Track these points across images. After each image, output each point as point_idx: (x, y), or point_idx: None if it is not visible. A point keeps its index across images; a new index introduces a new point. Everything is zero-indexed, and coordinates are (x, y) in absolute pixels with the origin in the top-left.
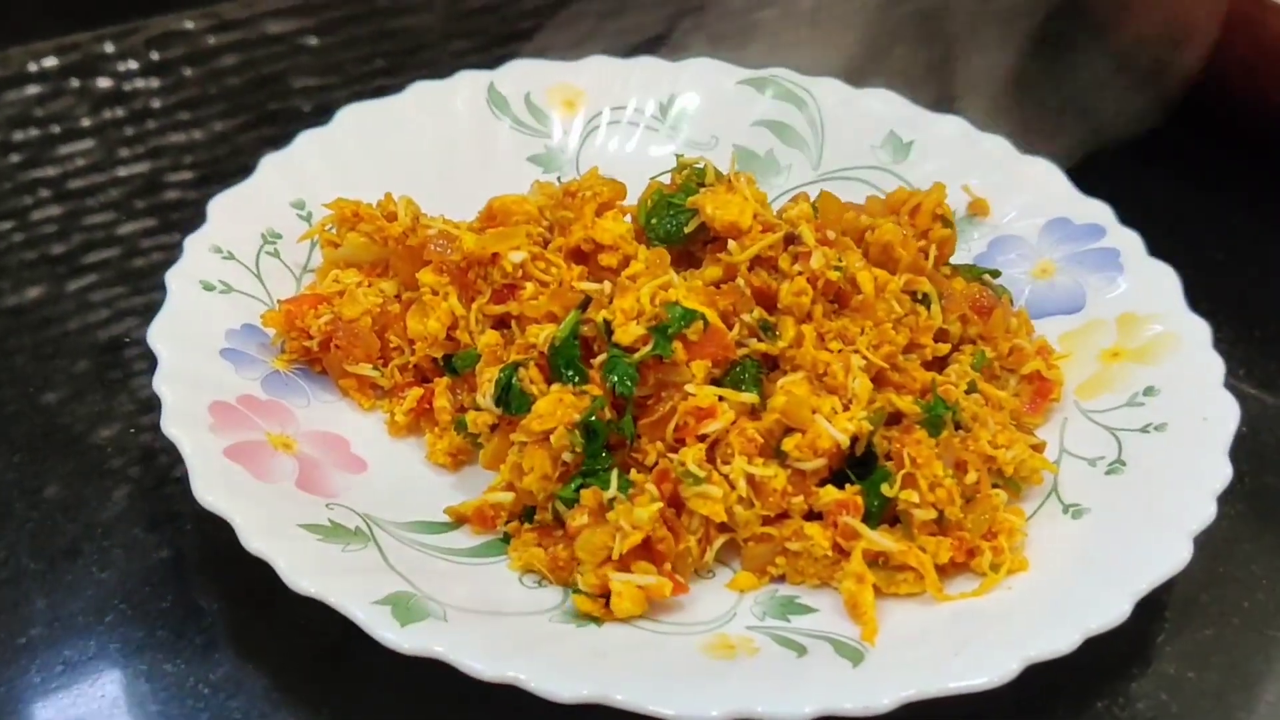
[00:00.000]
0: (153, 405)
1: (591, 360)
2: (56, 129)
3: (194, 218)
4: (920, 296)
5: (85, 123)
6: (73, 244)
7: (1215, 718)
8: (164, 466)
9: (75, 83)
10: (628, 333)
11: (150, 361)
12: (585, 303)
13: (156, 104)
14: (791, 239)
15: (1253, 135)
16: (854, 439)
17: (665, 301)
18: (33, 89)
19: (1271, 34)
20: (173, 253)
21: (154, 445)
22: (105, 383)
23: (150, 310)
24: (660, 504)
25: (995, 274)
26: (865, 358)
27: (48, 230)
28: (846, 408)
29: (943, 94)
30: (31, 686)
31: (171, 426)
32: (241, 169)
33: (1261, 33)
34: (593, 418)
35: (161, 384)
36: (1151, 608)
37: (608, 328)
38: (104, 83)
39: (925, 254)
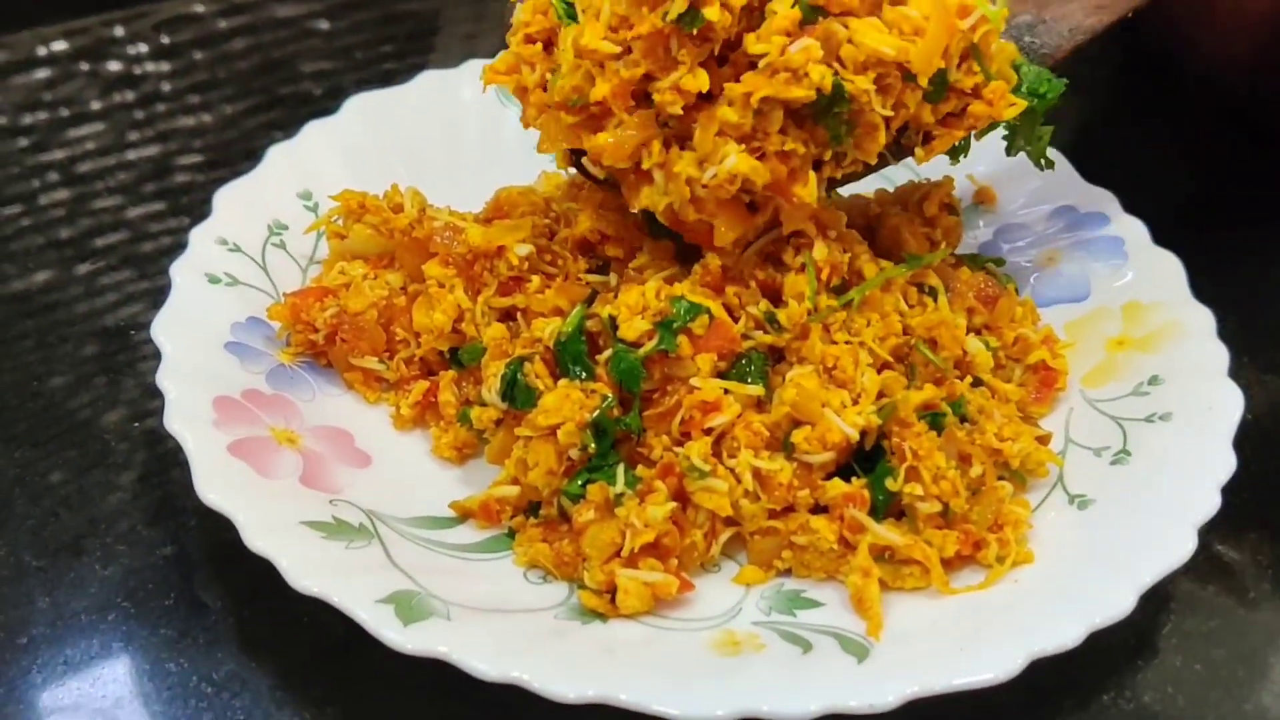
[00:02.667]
0: (158, 392)
1: (597, 355)
2: (65, 113)
3: (203, 202)
4: (927, 289)
5: (94, 106)
6: (80, 228)
7: (1222, 709)
8: (168, 454)
9: (84, 66)
10: (633, 328)
11: (158, 351)
12: (591, 297)
13: (166, 88)
14: (794, 231)
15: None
16: (863, 433)
17: (670, 296)
18: (41, 73)
19: None
20: (181, 237)
21: (158, 432)
22: (110, 369)
23: (158, 295)
24: (674, 504)
25: (1000, 262)
26: (871, 350)
27: (56, 214)
28: (856, 401)
29: None
30: (33, 686)
31: (175, 423)
32: (251, 153)
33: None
34: (602, 416)
35: (165, 379)
36: (1157, 599)
37: (613, 323)
38: (113, 66)
39: (932, 243)
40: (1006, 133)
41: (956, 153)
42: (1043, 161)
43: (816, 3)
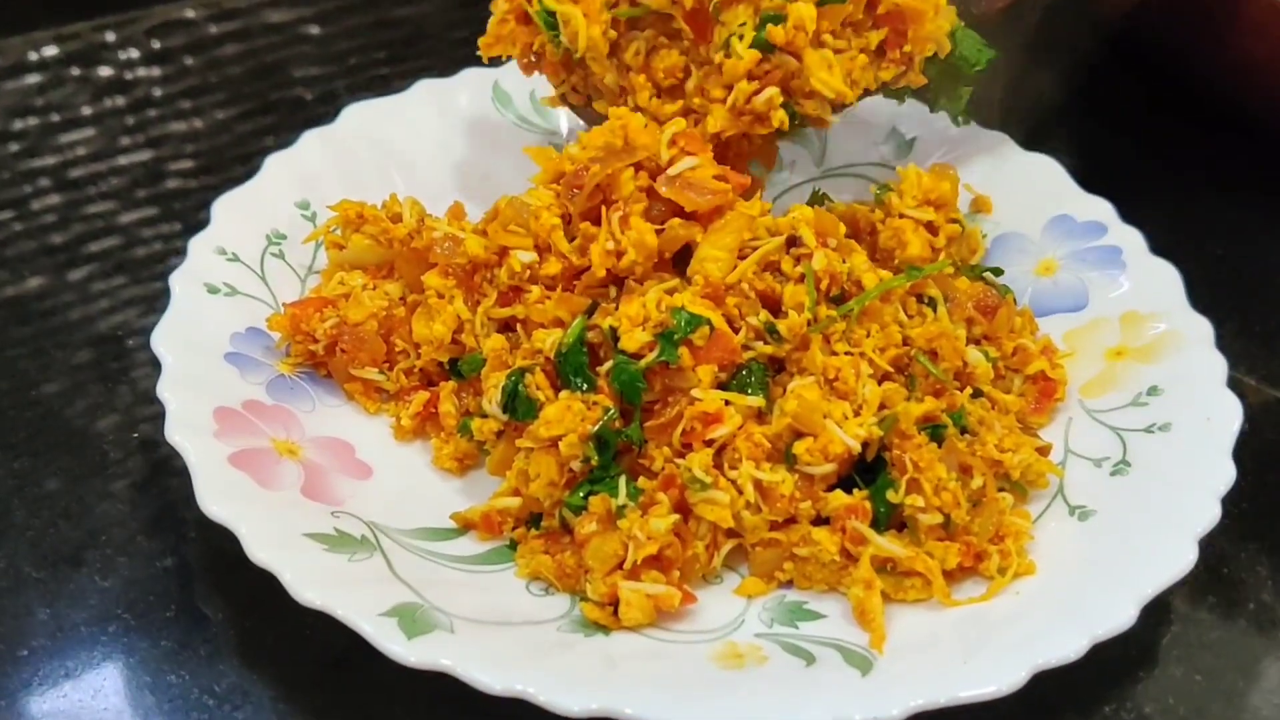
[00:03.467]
0: (154, 398)
1: (598, 367)
2: (57, 118)
3: (196, 208)
4: (926, 299)
5: (86, 112)
6: (73, 234)
7: None
8: (165, 462)
9: (76, 71)
10: (634, 339)
11: (157, 363)
12: (591, 308)
13: (157, 93)
14: (793, 241)
15: (1257, 129)
16: (865, 444)
17: (671, 307)
18: (33, 78)
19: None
20: (173, 243)
21: (155, 439)
22: (106, 375)
23: (152, 301)
24: (676, 516)
25: (998, 272)
26: (871, 361)
27: (48, 220)
28: (857, 413)
29: None
30: (34, 699)
31: (175, 434)
32: (243, 158)
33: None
34: (604, 429)
35: (165, 390)
36: (1158, 610)
37: (614, 334)
38: (105, 71)
39: (933, 250)
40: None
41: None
42: (959, 119)
43: (774, 40)
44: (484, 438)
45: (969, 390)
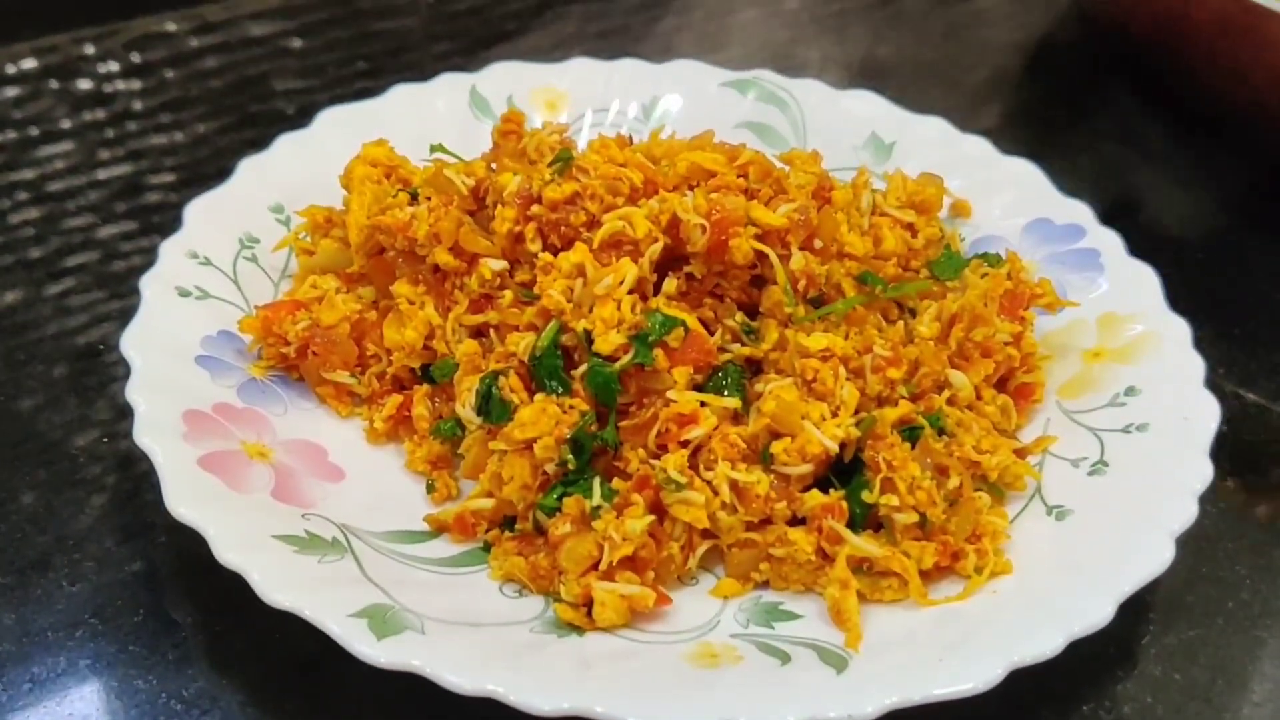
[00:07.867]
0: (129, 412)
1: (573, 370)
2: (35, 131)
3: (174, 221)
4: (907, 308)
5: (64, 125)
6: (51, 247)
7: (1201, 719)
8: (139, 474)
9: (54, 84)
10: (608, 341)
11: (128, 367)
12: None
13: (137, 106)
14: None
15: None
16: (842, 445)
17: (645, 309)
18: (10, 91)
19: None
20: (152, 256)
21: (129, 453)
22: (81, 389)
23: (129, 315)
24: (651, 517)
25: (994, 260)
26: (847, 367)
27: (25, 234)
28: (835, 414)
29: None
30: None
31: (144, 436)
32: (223, 171)
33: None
34: (580, 432)
35: (134, 393)
36: (1135, 609)
37: (588, 337)
38: (84, 84)
39: (911, 250)
40: None
41: None
42: None
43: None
44: (468, 449)
45: (947, 393)
